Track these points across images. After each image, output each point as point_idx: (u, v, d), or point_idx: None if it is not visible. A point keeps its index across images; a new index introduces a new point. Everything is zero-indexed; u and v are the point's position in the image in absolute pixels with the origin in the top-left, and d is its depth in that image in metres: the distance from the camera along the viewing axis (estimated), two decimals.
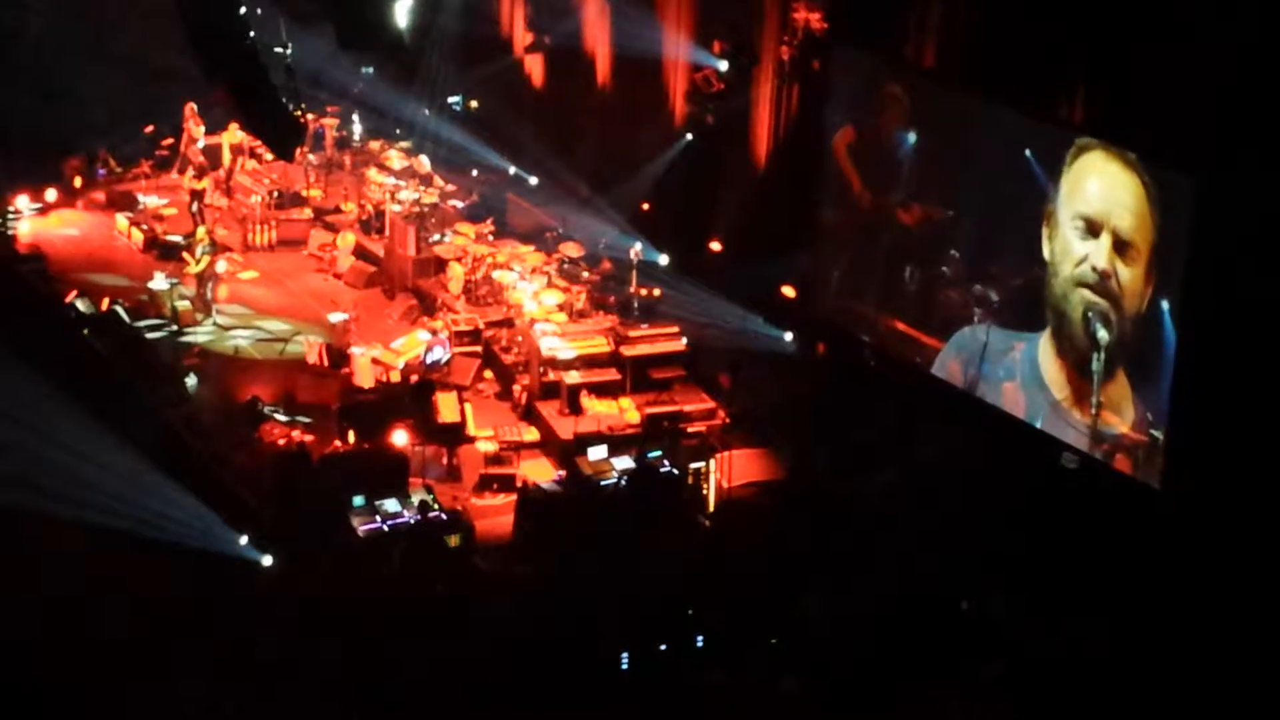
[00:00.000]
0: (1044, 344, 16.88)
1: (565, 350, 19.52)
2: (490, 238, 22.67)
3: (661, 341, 19.88)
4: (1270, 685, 13.73)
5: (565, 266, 21.81)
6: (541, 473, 17.99)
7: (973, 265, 17.81)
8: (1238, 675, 13.82)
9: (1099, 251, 16.00)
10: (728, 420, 18.76)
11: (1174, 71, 14.95)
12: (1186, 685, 13.87)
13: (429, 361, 19.52)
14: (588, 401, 19.03)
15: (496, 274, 21.43)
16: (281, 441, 18.00)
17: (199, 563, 15.41)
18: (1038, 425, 16.96)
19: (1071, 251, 16.32)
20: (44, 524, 15.37)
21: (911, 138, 18.39)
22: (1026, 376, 17.11)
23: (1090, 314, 16.16)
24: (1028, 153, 16.57)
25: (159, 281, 21.40)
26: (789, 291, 20.93)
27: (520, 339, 20.23)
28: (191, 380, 19.31)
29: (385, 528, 16.17)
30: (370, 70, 26.39)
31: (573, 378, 19.19)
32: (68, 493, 15.54)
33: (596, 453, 17.64)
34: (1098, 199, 16.01)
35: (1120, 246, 15.81)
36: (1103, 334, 16.06)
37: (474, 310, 20.96)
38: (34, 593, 14.73)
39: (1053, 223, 16.49)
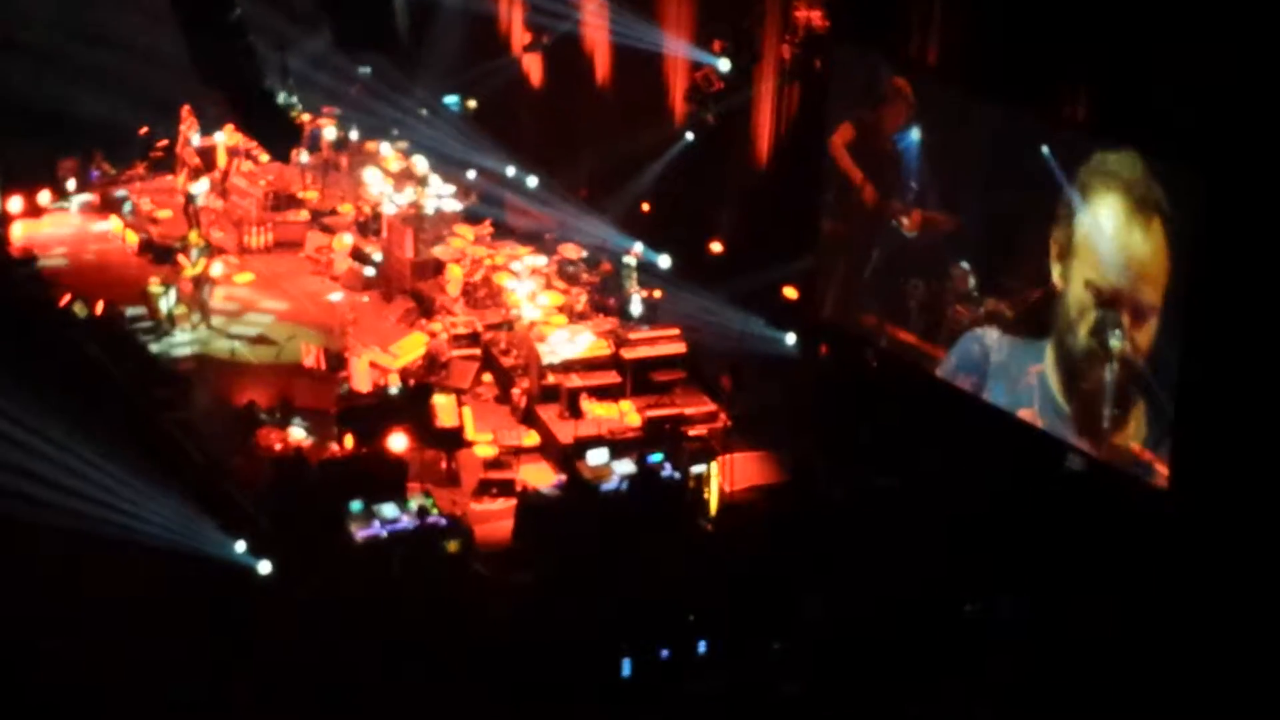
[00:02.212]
0: (1049, 361, 16.67)
1: (565, 353, 19.36)
2: (489, 239, 22.57)
3: (662, 344, 19.76)
4: (1275, 686, 13.62)
5: (565, 268, 21.70)
6: (541, 477, 17.89)
7: (983, 277, 17.54)
8: (1243, 676, 13.75)
9: (1116, 325, 15.76)
10: (729, 423, 18.63)
11: (1184, 69, 14.80)
12: (1191, 686, 13.80)
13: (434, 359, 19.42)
14: (588, 405, 18.91)
15: (495, 276, 21.32)
16: (278, 446, 17.90)
17: (196, 568, 15.32)
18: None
19: (1087, 317, 16.09)
20: (39, 529, 15.28)
21: (915, 135, 18.17)
22: (1043, 403, 16.82)
23: (1100, 335, 15.94)
24: (1045, 149, 16.24)
25: (154, 285, 21.27)
26: (791, 293, 20.82)
27: (519, 341, 20.10)
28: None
29: (383, 533, 16.07)
30: (367, 70, 26.29)
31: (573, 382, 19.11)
32: (63, 497, 15.50)
33: (597, 456, 17.53)
34: (1116, 269, 15.69)
35: (1137, 314, 15.59)
36: (1115, 343, 15.80)
37: (472, 313, 20.85)
38: (29, 597, 14.69)
39: (1065, 242, 16.22)
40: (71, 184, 24.45)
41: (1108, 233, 15.78)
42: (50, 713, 13.71)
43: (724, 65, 21.84)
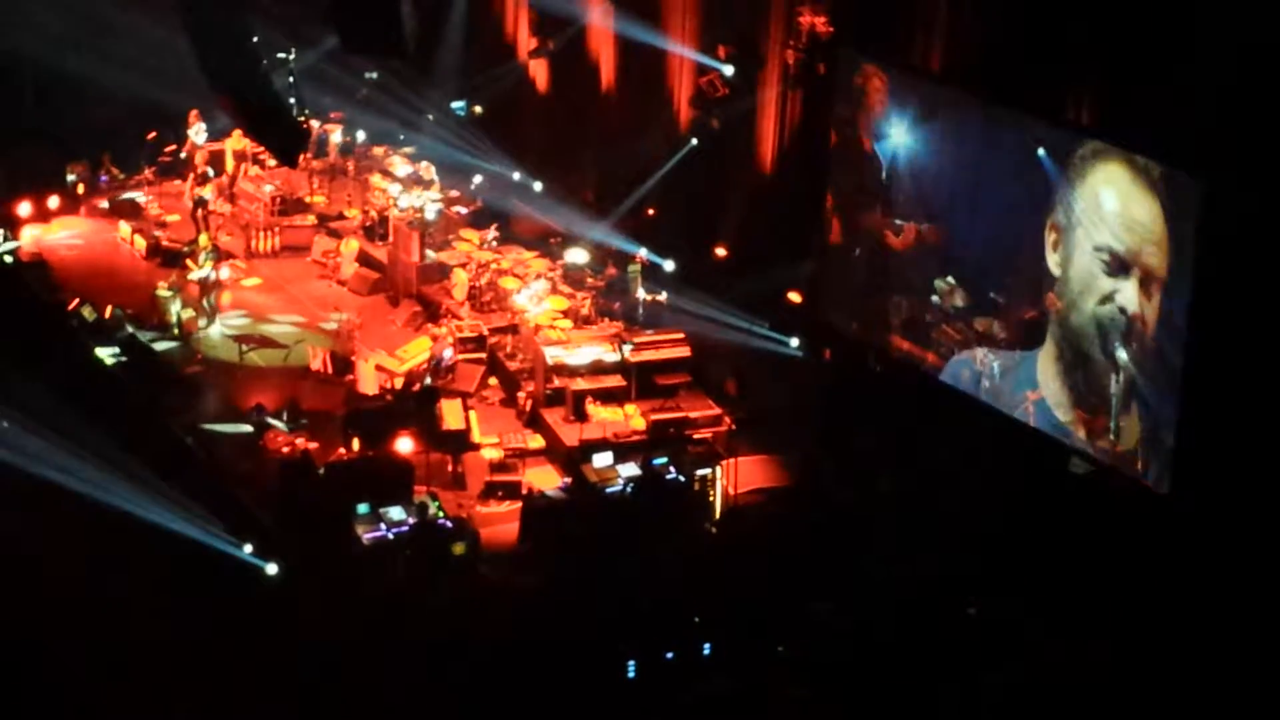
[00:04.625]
0: (1044, 363, 16.43)
1: (570, 356, 19.42)
2: (494, 244, 22.63)
3: (667, 348, 19.81)
4: (1276, 689, 13.66)
5: (570, 273, 21.75)
6: (547, 480, 17.93)
7: (973, 293, 17.26)
8: (1245, 681, 13.74)
9: (1128, 292, 15.30)
10: (733, 426, 18.67)
11: (1180, 71, 14.83)
12: (1193, 692, 13.79)
13: (438, 362, 19.48)
14: (593, 408, 18.96)
15: (501, 281, 21.38)
16: (285, 449, 17.95)
17: (202, 571, 15.36)
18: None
19: (1094, 287, 15.63)
20: (47, 531, 15.31)
21: (898, 138, 17.91)
22: (1040, 425, 16.59)
23: (1108, 340, 15.64)
24: (1041, 151, 15.98)
25: (162, 289, 21.35)
26: (795, 297, 20.85)
27: (525, 345, 20.16)
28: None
29: (390, 536, 16.11)
30: (374, 75, 26.35)
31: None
32: (71, 500, 15.49)
33: (602, 460, 17.58)
34: (1127, 232, 15.26)
35: (1145, 283, 15.19)
36: (1122, 355, 15.53)
37: (478, 317, 20.92)
38: (36, 600, 14.68)
39: (1063, 238, 16.00)
40: (80, 189, 24.55)
41: (1125, 264, 15.48)
42: (55, 713, 13.73)
43: (728, 71, 21.88)
